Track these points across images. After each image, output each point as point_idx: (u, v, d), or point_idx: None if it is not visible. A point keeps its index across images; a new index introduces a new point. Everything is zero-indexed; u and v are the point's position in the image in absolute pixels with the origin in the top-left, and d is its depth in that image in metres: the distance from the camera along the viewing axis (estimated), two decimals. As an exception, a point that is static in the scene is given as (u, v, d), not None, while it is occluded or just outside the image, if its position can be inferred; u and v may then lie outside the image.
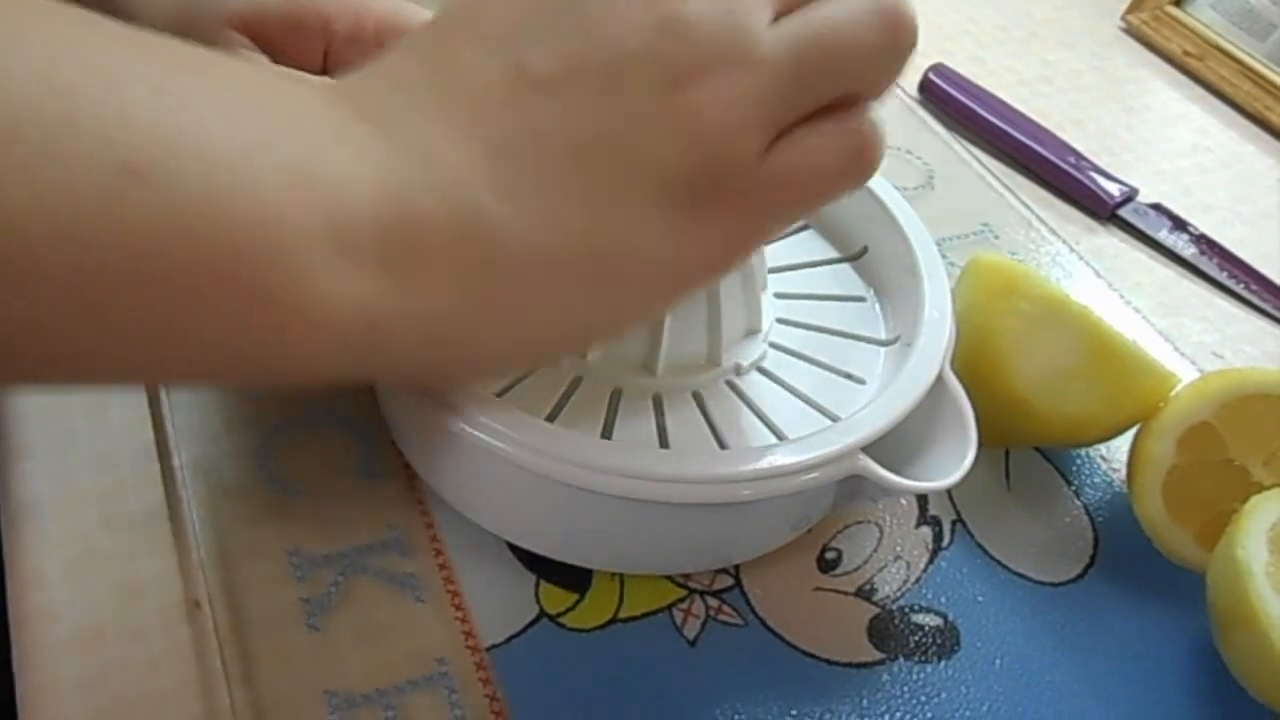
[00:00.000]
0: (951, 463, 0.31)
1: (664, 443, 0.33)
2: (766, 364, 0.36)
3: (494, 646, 0.33)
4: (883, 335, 0.38)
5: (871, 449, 0.31)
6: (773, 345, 0.36)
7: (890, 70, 0.27)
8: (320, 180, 0.22)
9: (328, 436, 0.37)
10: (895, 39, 0.26)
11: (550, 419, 0.32)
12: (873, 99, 0.27)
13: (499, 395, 0.32)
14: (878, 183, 0.39)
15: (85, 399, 0.37)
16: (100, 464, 0.35)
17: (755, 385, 0.35)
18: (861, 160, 0.27)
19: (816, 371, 0.36)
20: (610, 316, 0.28)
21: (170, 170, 0.20)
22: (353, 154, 0.23)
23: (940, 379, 0.33)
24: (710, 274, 0.28)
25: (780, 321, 0.37)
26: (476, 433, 0.29)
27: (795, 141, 0.26)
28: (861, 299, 0.39)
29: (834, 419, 0.34)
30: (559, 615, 0.34)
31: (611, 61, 0.24)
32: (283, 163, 0.22)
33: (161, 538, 0.34)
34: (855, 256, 0.41)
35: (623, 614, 0.34)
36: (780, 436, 0.33)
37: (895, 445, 0.32)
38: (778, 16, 0.26)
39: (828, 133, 0.26)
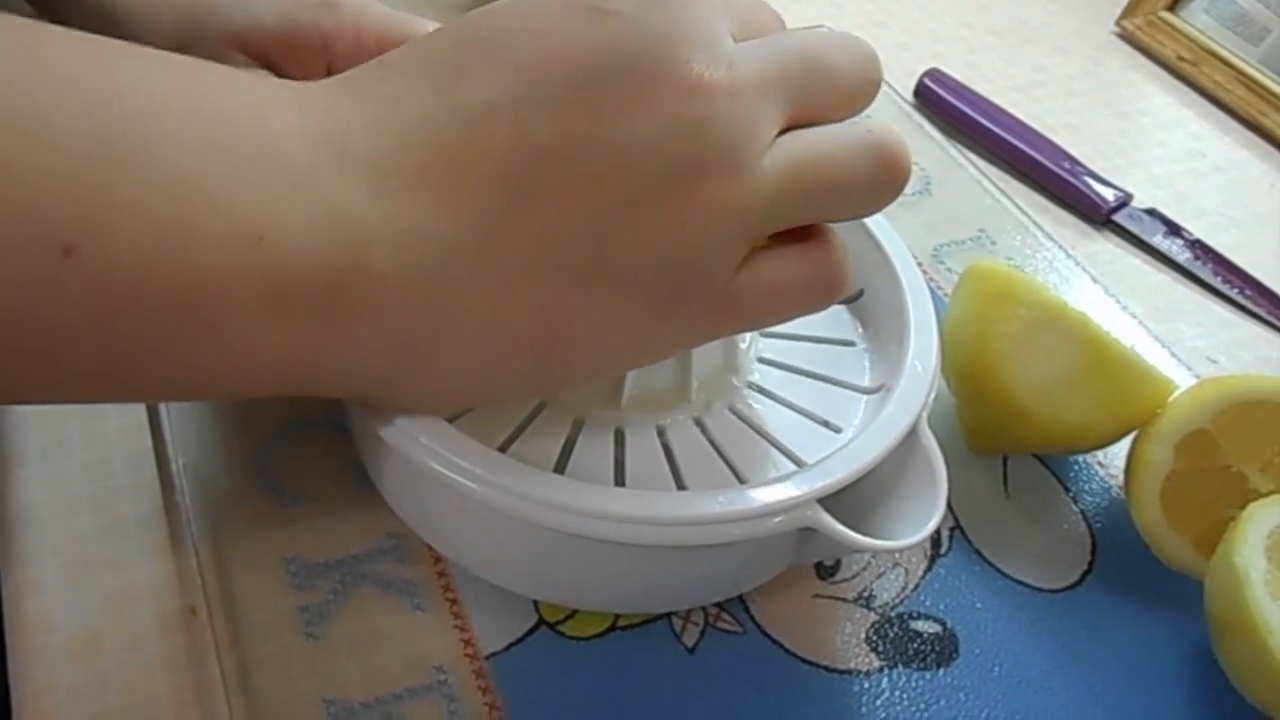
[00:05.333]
0: (916, 522, 0.30)
1: (620, 479, 0.32)
2: (739, 404, 0.34)
3: (493, 655, 0.33)
4: (866, 383, 0.37)
5: (833, 500, 0.29)
6: (751, 386, 0.35)
7: (873, 206, 0.28)
8: (268, 239, 0.22)
9: (325, 444, 0.37)
10: (887, 180, 0.27)
11: (505, 447, 0.32)
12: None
13: (453, 420, 0.31)
14: (878, 225, 0.38)
15: (82, 406, 0.36)
16: (97, 471, 0.35)
17: (724, 425, 0.34)
18: (825, 288, 0.28)
19: (792, 416, 0.35)
20: (547, 381, 0.27)
21: (106, 247, 0.20)
22: (310, 205, 0.22)
23: (914, 433, 0.32)
24: (658, 359, 0.28)
25: (763, 361, 0.36)
26: (423, 459, 0.28)
27: (763, 265, 0.27)
28: (851, 343, 0.38)
29: (802, 466, 0.32)
30: (558, 623, 0.34)
31: (619, 144, 0.24)
32: (226, 226, 0.21)
33: (158, 545, 0.34)
34: (851, 299, 0.39)
35: (622, 622, 0.34)
36: (743, 481, 0.32)
37: (859, 497, 0.31)
38: (782, 131, 0.26)
39: (794, 261, 0.27)
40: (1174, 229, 0.54)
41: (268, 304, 0.22)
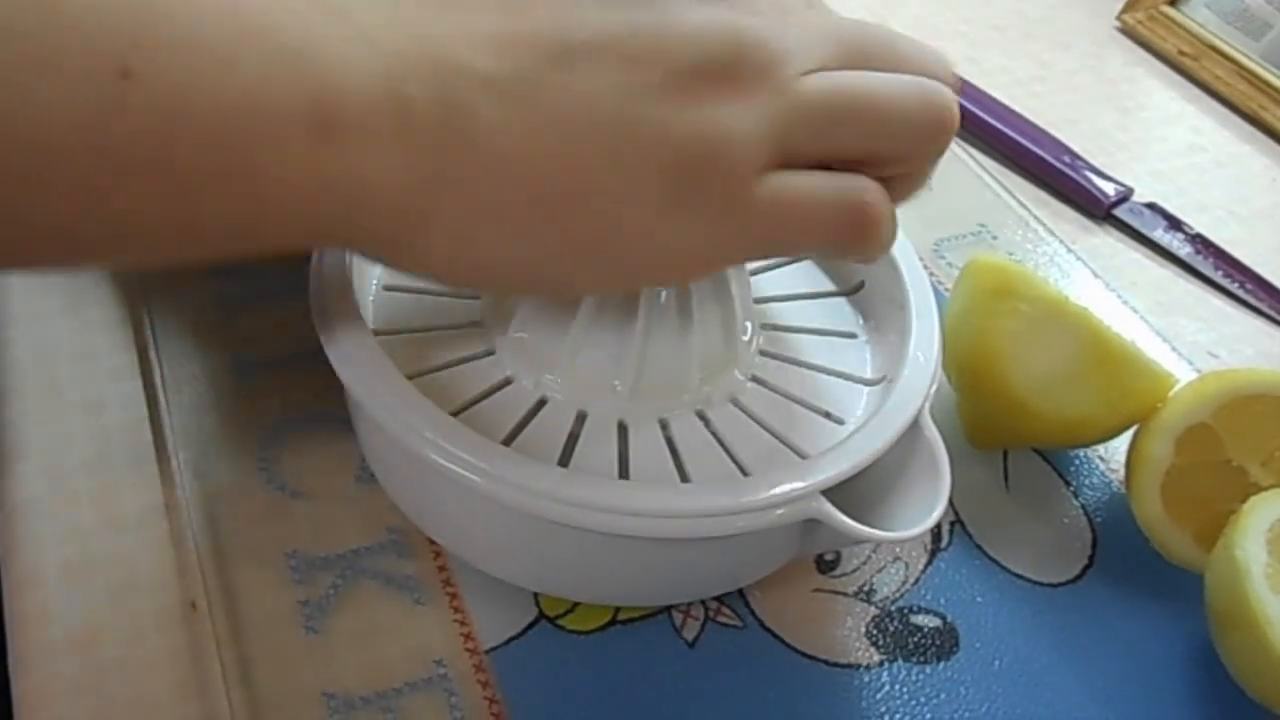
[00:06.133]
0: (919, 513, 0.30)
1: (624, 471, 0.32)
2: (742, 397, 0.34)
3: (493, 649, 0.33)
4: (869, 374, 0.36)
5: (836, 491, 0.29)
6: (753, 378, 0.35)
7: (913, 146, 0.28)
8: (308, 63, 0.22)
9: (326, 438, 0.37)
10: (930, 119, 0.28)
11: (509, 440, 0.31)
12: (909, 180, 0.29)
13: (456, 413, 0.31)
14: None
15: (83, 400, 0.36)
16: (97, 465, 0.35)
17: (727, 418, 0.34)
18: (855, 224, 0.28)
19: (794, 408, 0.35)
20: (551, 254, 0.26)
21: (163, 68, 0.21)
22: (353, 34, 0.23)
23: (917, 424, 0.32)
24: (671, 272, 0.28)
25: (764, 354, 0.36)
26: (427, 452, 0.28)
27: (790, 177, 0.27)
28: (853, 335, 0.38)
29: (804, 458, 0.32)
30: (558, 617, 0.34)
31: (660, 32, 0.25)
32: (273, 47, 0.22)
33: (159, 539, 0.34)
34: (851, 291, 0.39)
35: (622, 616, 0.34)
36: (746, 473, 0.32)
37: (862, 488, 0.31)
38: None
39: (825, 184, 0.27)
40: (1175, 223, 0.54)
41: (309, 127, 0.23)
